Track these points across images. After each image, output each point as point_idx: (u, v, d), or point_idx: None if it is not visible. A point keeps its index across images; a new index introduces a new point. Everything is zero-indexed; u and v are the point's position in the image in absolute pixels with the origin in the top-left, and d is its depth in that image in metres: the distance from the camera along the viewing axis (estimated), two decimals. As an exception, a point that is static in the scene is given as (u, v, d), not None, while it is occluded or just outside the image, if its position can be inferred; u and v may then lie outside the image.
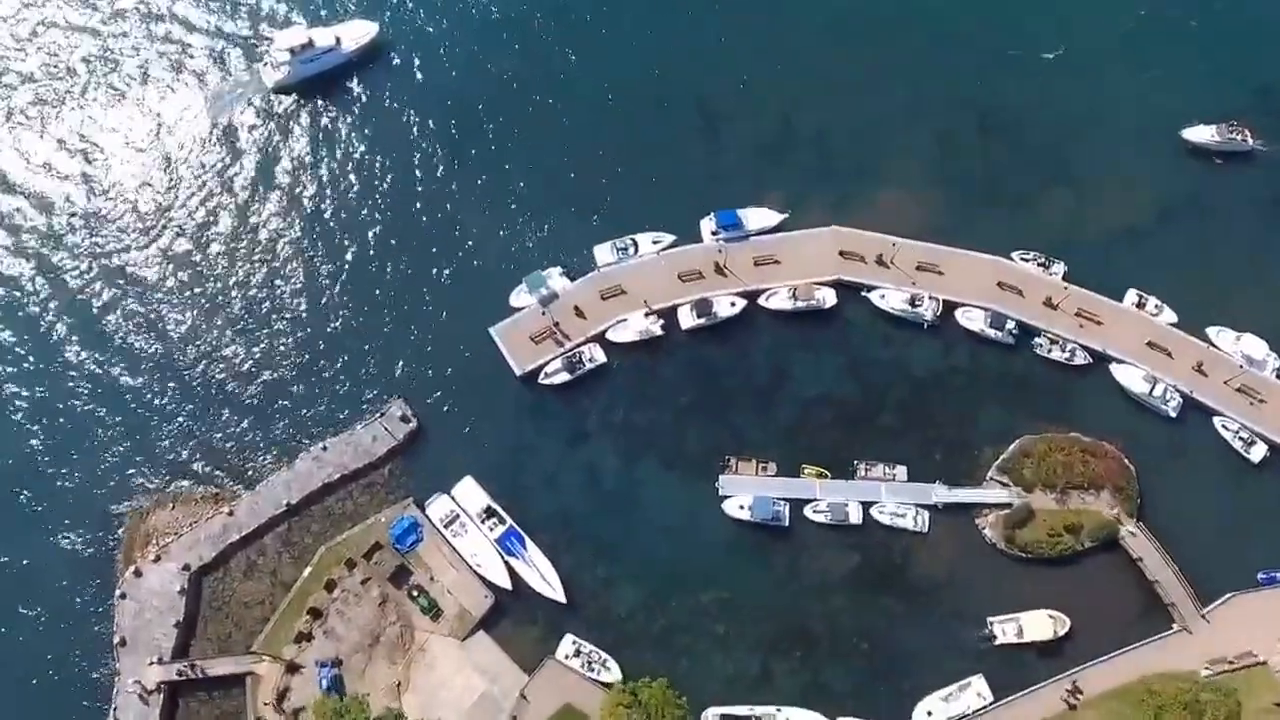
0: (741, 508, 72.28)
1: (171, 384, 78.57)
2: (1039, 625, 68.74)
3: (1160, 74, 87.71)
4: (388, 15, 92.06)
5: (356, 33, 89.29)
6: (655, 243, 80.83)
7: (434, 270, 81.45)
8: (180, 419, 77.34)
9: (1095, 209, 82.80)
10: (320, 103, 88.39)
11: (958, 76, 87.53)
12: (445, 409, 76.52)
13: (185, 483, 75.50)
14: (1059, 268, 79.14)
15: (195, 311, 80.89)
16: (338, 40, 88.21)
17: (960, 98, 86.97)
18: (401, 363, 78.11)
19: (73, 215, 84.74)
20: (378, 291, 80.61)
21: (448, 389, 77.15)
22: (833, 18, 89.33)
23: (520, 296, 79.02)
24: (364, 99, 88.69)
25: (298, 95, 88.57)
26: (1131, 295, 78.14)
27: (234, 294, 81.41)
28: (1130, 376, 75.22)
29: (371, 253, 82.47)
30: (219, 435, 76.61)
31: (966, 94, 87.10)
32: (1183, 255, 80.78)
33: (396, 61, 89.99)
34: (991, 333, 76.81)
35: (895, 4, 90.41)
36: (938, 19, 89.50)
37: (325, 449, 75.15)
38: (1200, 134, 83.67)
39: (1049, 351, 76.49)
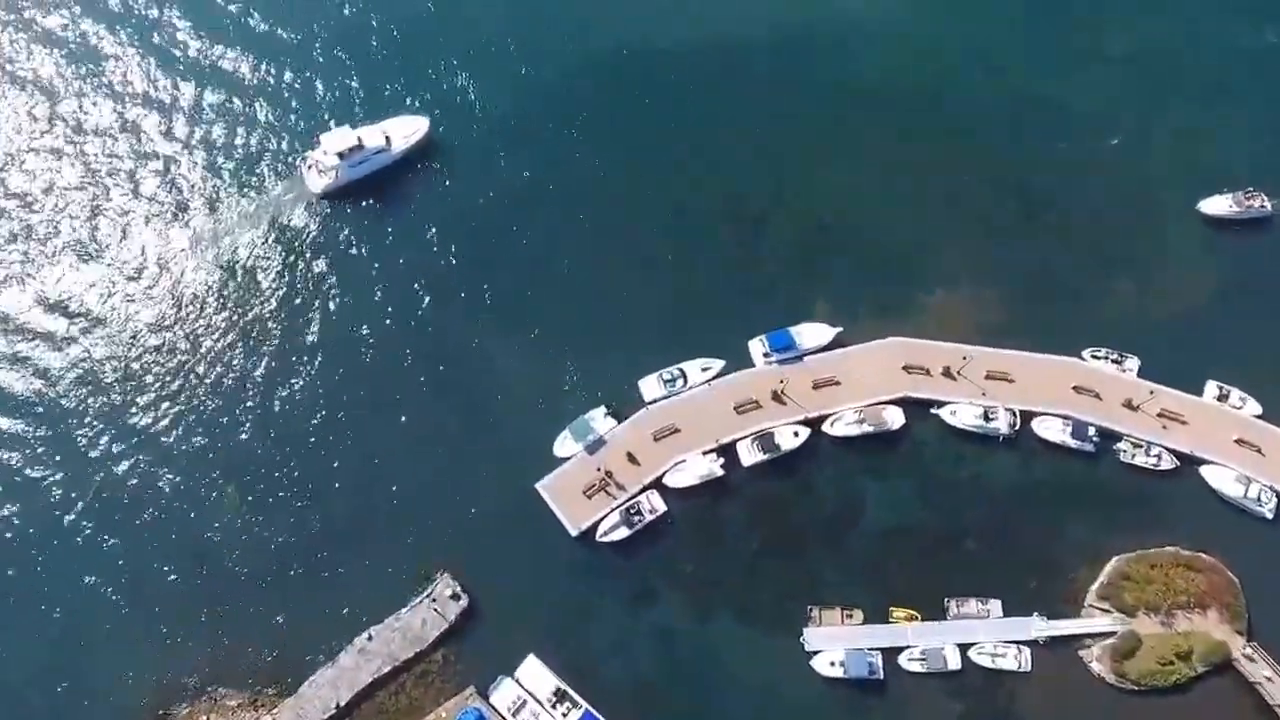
0: (833, 664, 66.96)
1: (190, 576, 70.59)
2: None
3: (1181, 144, 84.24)
4: (438, 108, 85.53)
5: (407, 130, 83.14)
6: (704, 370, 75.22)
7: (468, 422, 74.87)
8: (205, 615, 69.34)
9: (1153, 295, 79.10)
10: (363, 213, 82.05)
11: (993, 164, 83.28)
12: (497, 580, 69.82)
13: (220, 689, 67.70)
14: (1133, 363, 74.95)
15: (205, 489, 72.84)
16: (387, 139, 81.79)
17: (997, 185, 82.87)
18: (444, 532, 71.31)
19: (83, 357, 76.86)
20: (410, 453, 73.68)
21: (498, 557, 70.48)
22: (858, 116, 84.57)
23: (565, 445, 73.01)
24: (406, 210, 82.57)
25: (343, 202, 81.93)
26: (1212, 388, 74.29)
27: (248, 463, 73.54)
28: (1222, 479, 71.13)
29: (401, 407, 75.30)
30: (251, 632, 68.89)
31: (1004, 181, 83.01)
32: (1250, 338, 76.85)
33: (442, 164, 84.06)
34: (1072, 442, 72.34)
35: (920, 97, 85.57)
36: (967, 108, 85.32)
37: (370, 639, 68.39)
38: (1218, 205, 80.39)
39: (1133, 457, 72.15)
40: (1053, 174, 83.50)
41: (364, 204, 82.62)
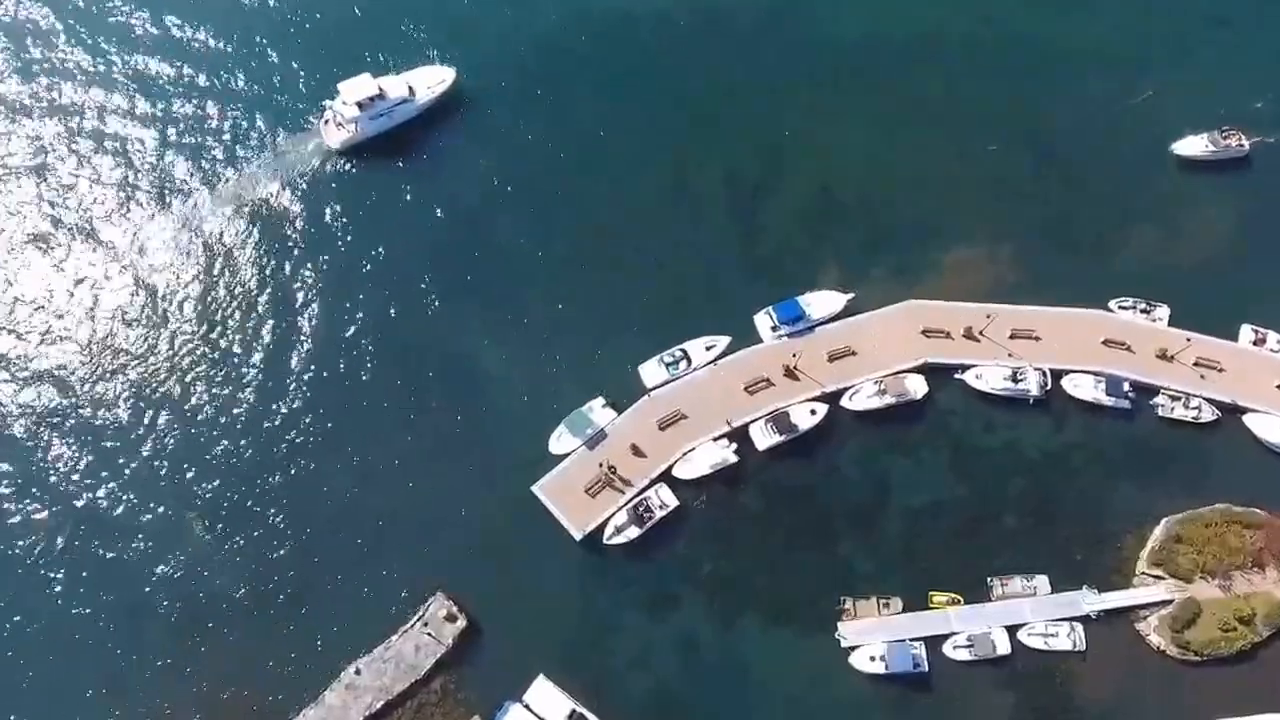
0: (873, 659, 61.21)
1: (151, 617, 62.26)
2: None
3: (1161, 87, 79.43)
4: (466, 58, 77.76)
5: (431, 80, 76.46)
6: (709, 349, 68.96)
7: (454, 421, 67.58)
8: (171, 659, 61.23)
9: (1171, 241, 74.17)
10: (377, 174, 74.67)
11: (996, 114, 77.55)
12: (497, 596, 63.08)
13: (190, 744, 61.19)
14: (1162, 312, 70.41)
15: (163, 517, 64.67)
16: (411, 90, 74.89)
17: (1003, 136, 76.93)
18: (434, 547, 64.28)
19: (24, 359, 68.31)
20: (392, 461, 66.32)
21: (495, 571, 63.80)
22: (855, 73, 78.53)
23: (562, 441, 66.28)
24: (419, 173, 75.20)
25: (360, 159, 74.89)
26: (1247, 332, 69.95)
27: (210, 482, 65.40)
28: (1267, 427, 66.81)
29: (380, 409, 67.75)
30: (224, 674, 61.04)
31: (1010, 132, 77.12)
32: (1273, 277, 72.44)
33: (465, 120, 76.91)
34: (1107, 399, 67.52)
35: (917, 48, 79.48)
36: (966, 58, 79.43)
37: (359, 672, 61.11)
38: (1192, 146, 75.78)
39: (1172, 411, 67.61)
40: (1057, 122, 77.97)
41: (380, 163, 75.21)
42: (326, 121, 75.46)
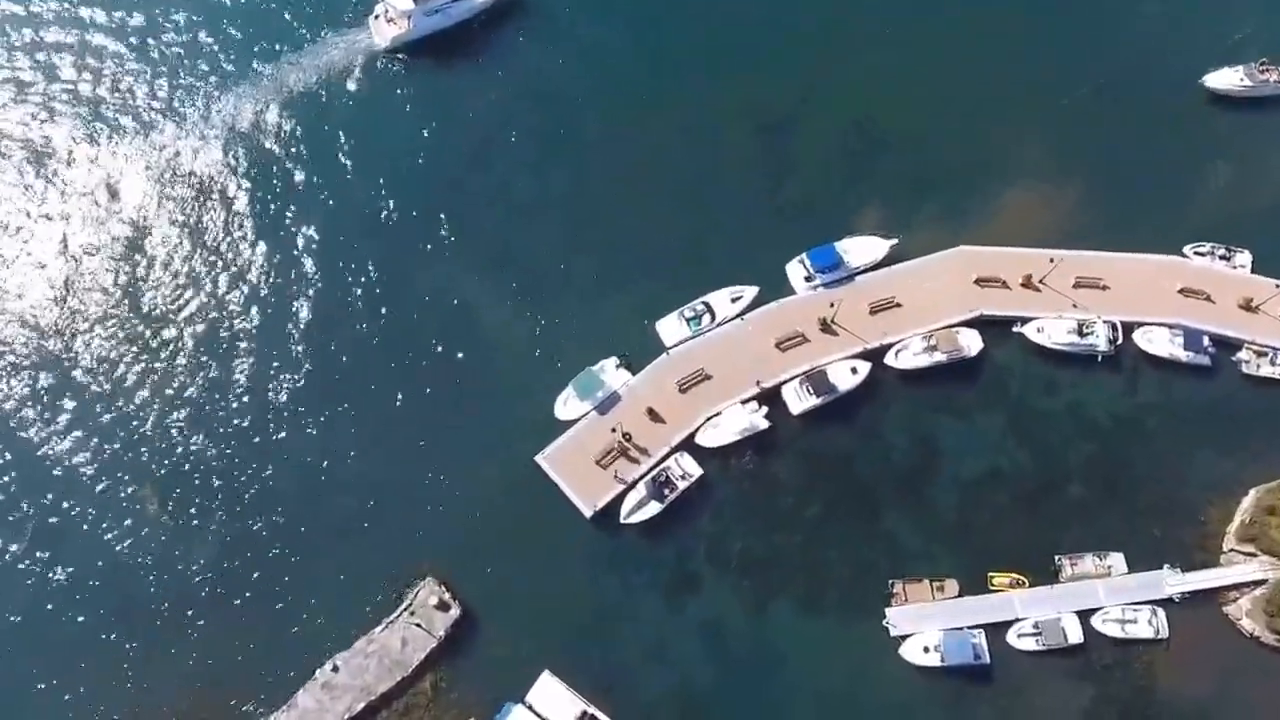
0: (927, 650, 53.86)
1: (103, 609, 54.84)
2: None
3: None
4: None
5: None
6: (735, 301, 61.57)
7: (448, 384, 60.08)
8: (124, 657, 54.04)
9: (1244, 182, 66.80)
10: (421, 79, 69.07)
11: (1051, 35, 70.32)
12: (496, 581, 55.93)
13: (146, 751, 53.43)
14: (1244, 258, 63.11)
15: (117, 495, 57.03)
16: None
17: (1060, 61, 69.70)
18: (424, 527, 56.96)
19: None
20: (377, 428, 58.92)
21: (494, 552, 56.50)
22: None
23: (569, 406, 58.99)
24: (463, 82, 69.33)
25: (407, 61, 69.42)
26: (1337, 280, 63.59)
27: (170, 456, 57.87)
28: (1365, 385, 60.55)
29: (364, 367, 60.52)
30: (182, 674, 53.74)
31: (1066, 55, 69.79)
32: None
33: (522, 24, 70.93)
34: (1184, 355, 60.22)
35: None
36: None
37: (336, 669, 53.87)
38: (1226, 79, 68.44)
39: (1258, 368, 60.53)
40: (1105, 52, 70.19)
41: (427, 66, 69.61)
42: (377, 17, 70.00)
